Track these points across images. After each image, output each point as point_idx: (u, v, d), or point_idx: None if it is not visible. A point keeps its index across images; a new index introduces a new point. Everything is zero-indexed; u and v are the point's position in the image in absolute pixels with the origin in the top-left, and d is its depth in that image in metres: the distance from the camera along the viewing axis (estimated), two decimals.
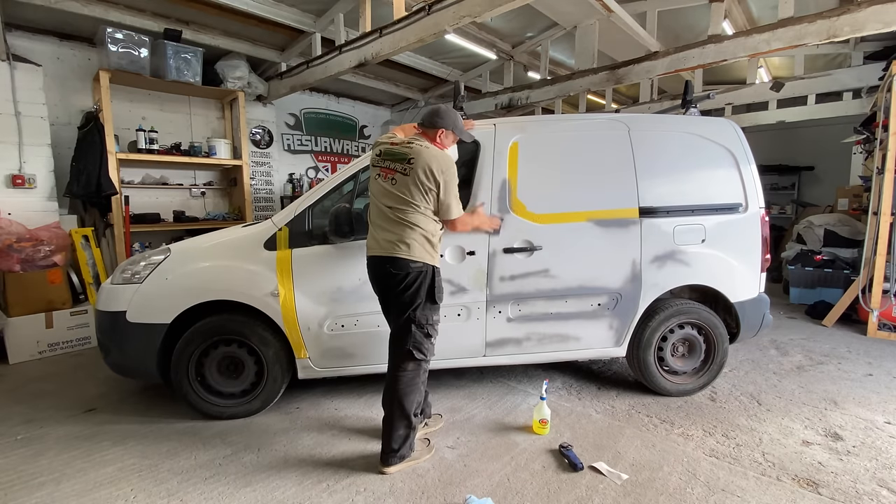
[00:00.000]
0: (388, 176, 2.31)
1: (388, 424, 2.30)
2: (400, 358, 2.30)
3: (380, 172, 2.35)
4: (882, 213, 4.34)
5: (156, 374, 2.78)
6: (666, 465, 2.36)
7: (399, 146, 2.33)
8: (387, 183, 2.30)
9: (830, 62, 6.69)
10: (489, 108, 6.84)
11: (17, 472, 2.33)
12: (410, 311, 2.26)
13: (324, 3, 5.13)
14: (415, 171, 2.23)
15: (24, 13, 4.44)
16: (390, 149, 2.34)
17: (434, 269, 2.31)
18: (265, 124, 6.78)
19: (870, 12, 3.52)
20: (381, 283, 2.36)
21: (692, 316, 3.09)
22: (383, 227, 2.32)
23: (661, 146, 3.13)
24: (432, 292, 2.29)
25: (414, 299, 2.26)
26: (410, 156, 2.26)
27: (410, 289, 2.25)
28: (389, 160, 2.32)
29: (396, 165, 2.28)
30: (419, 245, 2.25)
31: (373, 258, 2.37)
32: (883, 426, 2.75)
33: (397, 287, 2.26)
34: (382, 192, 2.32)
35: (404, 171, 2.25)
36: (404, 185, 2.25)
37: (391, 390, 2.29)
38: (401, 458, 2.31)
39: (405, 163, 2.26)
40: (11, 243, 3.95)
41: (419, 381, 2.32)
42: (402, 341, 2.28)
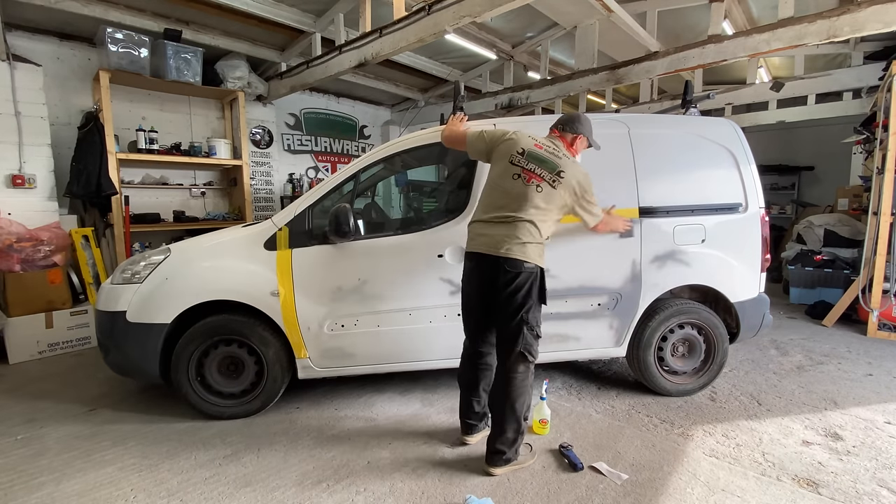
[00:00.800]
0: (531, 180, 2.23)
1: (498, 427, 2.27)
2: (512, 360, 2.24)
3: (520, 173, 2.25)
4: (882, 213, 4.34)
5: (156, 374, 2.78)
6: (666, 465, 2.36)
7: (545, 151, 2.28)
8: (529, 187, 2.22)
9: (830, 62, 6.69)
10: (489, 108, 6.84)
11: (17, 472, 2.33)
12: (523, 312, 2.20)
13: (324, 3, 5.13)
14: (564, 187, 2.24)
15: (24, 13, 4.44)
16: (536, 151, 2.27)
17: (542, 271, 2.26)
18: (265, 124, 6.78)
19: (870, 12, 3.52)
20: (491, 282, 2.26)
21: (692, 316, 3.09)
22: (500, 224, 2.24)
23: (661, 146, 3.13)
24: (542, 293, 2.27)
25: (526, 301, 2.20)
26: (560, 168, 2.23)
27: (522, 290, 2.19)
28: (535, 164, 2.25)
29: (545, 174, 2.23)
30: (533, 247, 2.22)
31: (483, 256, 2.26)
32: (883, 426, 2.75)
33: (508, 287, 2.19)
34: (516, 192, 2.23)
35: (552, 183, 2.22)
36: (550, 197, 2.22)
37: (503, 392, 2.25)
38: (507, 462, 2.28)
39: (555, 174, 2.23)
40: (11, 243, 3.95)
41: (529, 383, 2.30)
42: (514, 343, 2.23)
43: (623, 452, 2.47)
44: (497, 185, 2.33)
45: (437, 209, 4.04)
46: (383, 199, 6.25)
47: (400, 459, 2.41)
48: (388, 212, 5.37)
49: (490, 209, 2.31)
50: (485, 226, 2.30)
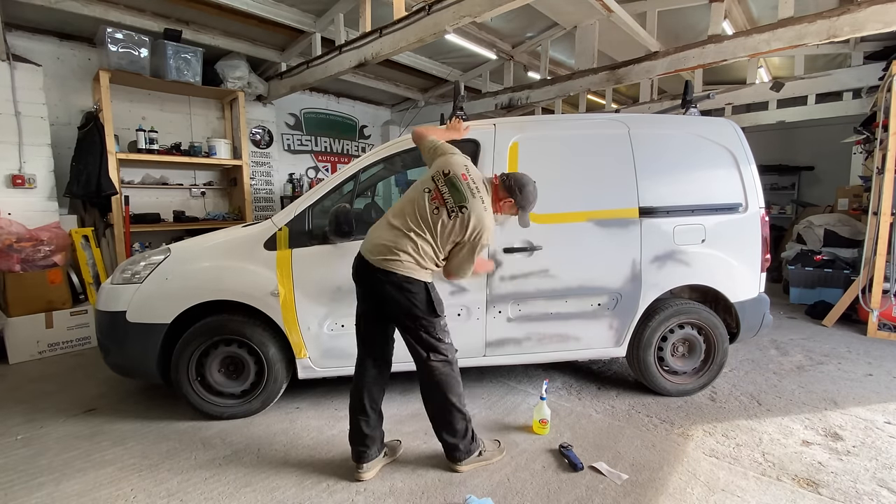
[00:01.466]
0: (434, 199, 2.19)
1: (440, 422, 2.26)
2: (424, 359, 2.24)
3: (430, 189, 2.22)
4: (882, 213, 4.34)
5: (156, 374, 2.78)
6: (666, 465, 2.36)
7: (466, 184, 2.21)
8: (430, 205, 2.18)
9: (830, 62, 6.69)
10: (489, 108, 6.84)
11: (17, 471, 2.34)
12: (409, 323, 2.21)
13: (324, 3, 5.13)
14: (460, 222, 2.15)
15: (24, 13, 4.44)
16: (457, 180, 2.22)
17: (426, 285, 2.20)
18: (265, 124, 6.78)
19: (870, 12, 3.52)
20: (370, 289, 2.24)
21: (692, 316, 3.09)
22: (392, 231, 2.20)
23: (661, 146, 3.13)
24: (431, 306, 2.20)
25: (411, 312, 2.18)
26: (466, 204, 2.17)
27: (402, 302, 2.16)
28: (448, 188, 2.20)
29: (450, 201, 2.18)
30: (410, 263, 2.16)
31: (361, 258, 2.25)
32: (883, 426, 2.75)
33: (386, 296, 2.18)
34: (417, 206, 2.20)
35: (451, 212, 2.16)
36: (441, 222, 2.16)
37: (429, 387, 2.25)
38: (468, 454, 2.28)
39: (458, 207, 2.17)
40: (11, 243, 3.95)
41: (454, 372, 2.26)
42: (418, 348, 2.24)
43: (623, 452, 2.47)
44: (411, 190, 2.32)
45: None
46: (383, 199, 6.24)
47: (400, 459, 2.41)
48: None
49: (394, 209, 2.29)
50: (383, 226, 2.26)
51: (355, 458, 2.27)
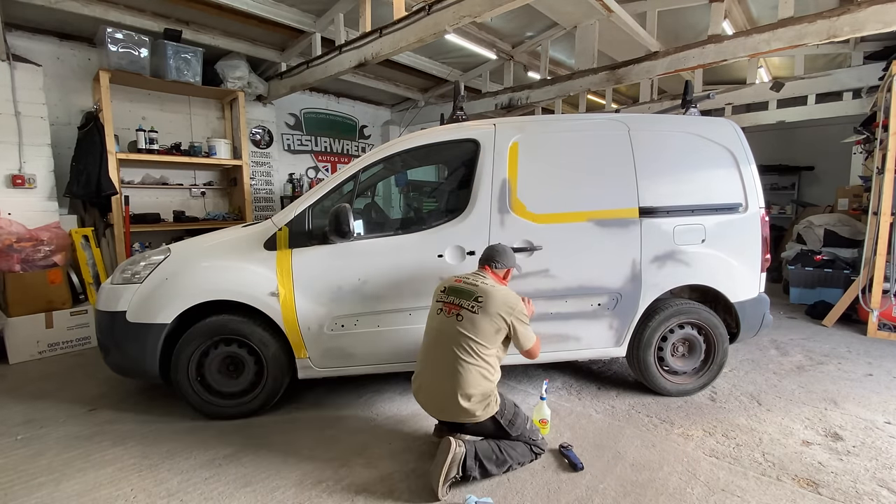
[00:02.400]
0: (451, 311, 2.28)
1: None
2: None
3: (442, 307, 2.34)
4: (882, 213, 4.34)
5: (156, 374, 2.78)
6: (666, 465, 2.36)
7: (464, 283, 2.36)
8: (451, 318, 2.27)
9: (830, 62, 6.70)
10: (489, 108, 6.84)
11: (17, 472, 2.33)
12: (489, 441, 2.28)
13: (324, 3, 5.13)
14: (486, 310, 2.23)
15: (24, 13, 4.44)
16: (454, 285, 2.36)
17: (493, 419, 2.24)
18: (265, 124, 6.78)
19: (870, 12, 3.52)
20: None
21: (692, 316, 3.09)
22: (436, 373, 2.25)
23: (661, 146, 3.13)
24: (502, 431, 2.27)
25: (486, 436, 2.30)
26: (478, 294, 2.27)
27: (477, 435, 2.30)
28: (454, 296, 2.32)
29: (463, 302, 2.28)
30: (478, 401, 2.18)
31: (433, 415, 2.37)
32: (883, 426, 2.75)
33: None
34: (444, 330, 2.27)
35: (472, 309, 2.24)
36: (471, 321, 2.22)
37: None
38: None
39: (472, 300, 2.26)
40: (11, 243, 3.95)
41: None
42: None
43: (623, 452, 2.47)
44: (428, 328, 2.42)
45: (437, 209, 4.04)
46: (383, 199, 6.25)
47: (400, 459, 2.41)
48: (388, 212, 5.37)
49: (425, 352, 2.37)
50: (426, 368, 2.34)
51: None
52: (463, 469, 2.13)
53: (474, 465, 2.15)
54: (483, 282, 2.34)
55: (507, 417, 2.26)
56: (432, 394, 2.28)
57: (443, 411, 2.27)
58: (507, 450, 2.24)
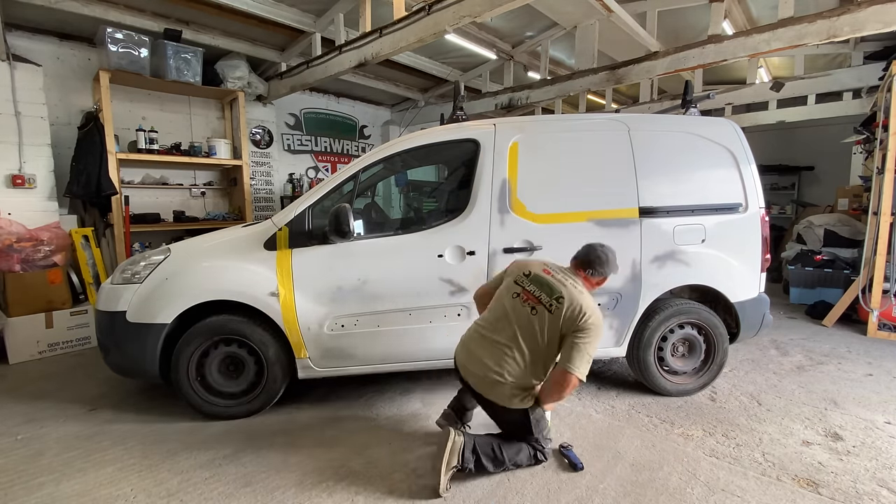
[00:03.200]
0: (527, 300, 2.22)
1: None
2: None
3: (518, 292, 2.27)
4: (882, 213, 4.34)
5: (156, 374, 2.78)
6: (666, 465, 2.36)
7: (551, 276, 2.25)
8: (525, 307, 2.22)
9: (830, 62, 6.69)
10: (489, 108, 6.84)
11: (17, 472, 2.33)
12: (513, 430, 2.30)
13: (324, 3, 5.13)
14: (560, 312, 2.14)
15: (24, 13, 4.44)
16: (540, 275, 2.27)
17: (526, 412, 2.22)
18: (265, 124, 6.78)
19: (870, 12, 3.52)
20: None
21: (692, 316, 3.09)
22: (488, 347, 2.25)
23: (661, 146, 3.13)
24: (528, 429, 2.26)
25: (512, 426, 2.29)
26: (560, 294, 2.17)
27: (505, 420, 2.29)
28: (536, 286, 2.24)
29: (543, 297, 2.19)
30: (515, 392, 2.19)
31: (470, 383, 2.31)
32: (883, 426, 2.75)
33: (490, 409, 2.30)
34: (517, 314, 2.23)
35: (549, 307, 2.16)
36: (544, 322, 2.16)
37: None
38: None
39: (553, 298, 2.17)
40: (11, 243, 3.95)
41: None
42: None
43: (623, 452, 2.47)
44: (499, 302, 2.35)
45: (437, 209, 4.04)
46: (383, 199, 6.25)
47: (400, 459, 2.41)
48: (388, 212, 5.37)
49: (487, 322, 2.35)
50: (479, 340, 2.32)
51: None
52: (461, 460, 2.14)
53: (471, 458, 2.17)
54: (572, 283, 2.23)
55: (537, 417, 2.26)
56: (480, 361, 2.24)
57: (491, 389, 2.21)
58: (507, 451, 2.24)
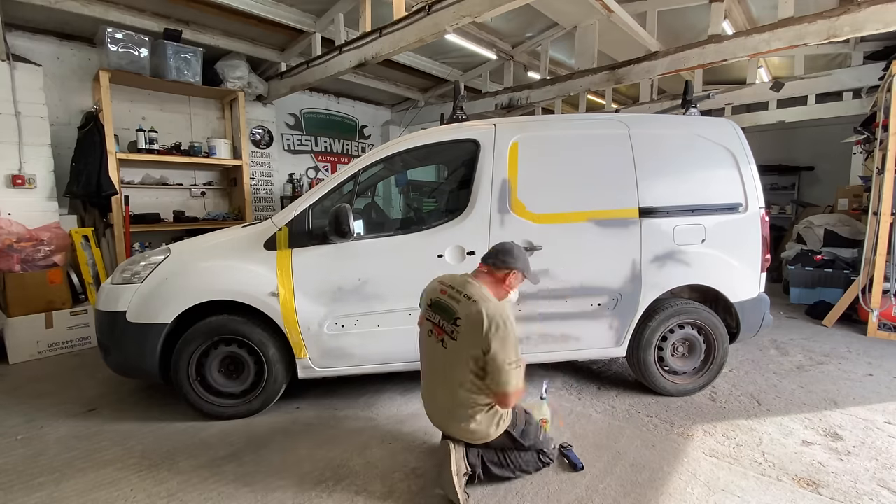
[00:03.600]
0: (438, 335, 2.04)
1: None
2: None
3: (431, 329, 2.11)
4: (882, 213, 4.34)
5: (156, 374, 2.78)
6: (666, 465, 2.36)
7: (447, 295, 2.04)
8: (438, 343, 2.04)
9: (830, 62, 6.69)
10: (489, 108, 6.84)
11: (17, 472, 2.33)
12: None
13: (324, 3, 5.13)
14: (463, 332, 1.94)
15: (24, 13, 4.44)
16: (438, 298, 2.06)
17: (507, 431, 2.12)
18: (265, 124, 6.78)
19: (870, 12, 3.52)
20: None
21: (692, 316, 3.09)
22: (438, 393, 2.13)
23: (661, 146, 3.13)
24: (514, 441, 2.16)
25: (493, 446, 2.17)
26: (458, 314, 1.96)
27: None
28: (439, 313, 2.06)
29: (445, 324, 2.01)
30: (490, 423, 2.05)
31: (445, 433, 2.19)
32: (883, 426, 2.75)
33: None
34: (436, 356, 2.09)
35: (452, 335, 1.97)
36: (454, 350, 1.97)
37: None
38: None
39: (452, 322, 1.97)
40: (11, 243, 3.95)
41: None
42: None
43: (623, 452, 2.47)
44: (421, 346, 2.23)
45: (437, 209, 4.05)
46: (383, 199, 6.25)
47: (400, 459, 2.41)
48: (388, 212, 5.38)
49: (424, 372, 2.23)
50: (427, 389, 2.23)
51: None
52: (468, 466, 2.10)
53: (477, 463, 2.13)
54: (469, 292, 2.01)
55: (520, 427, 2.17)
56: (438, 415, 2.19)
57: (450, 427, 2.12)
58: (510, 456, 2.19)
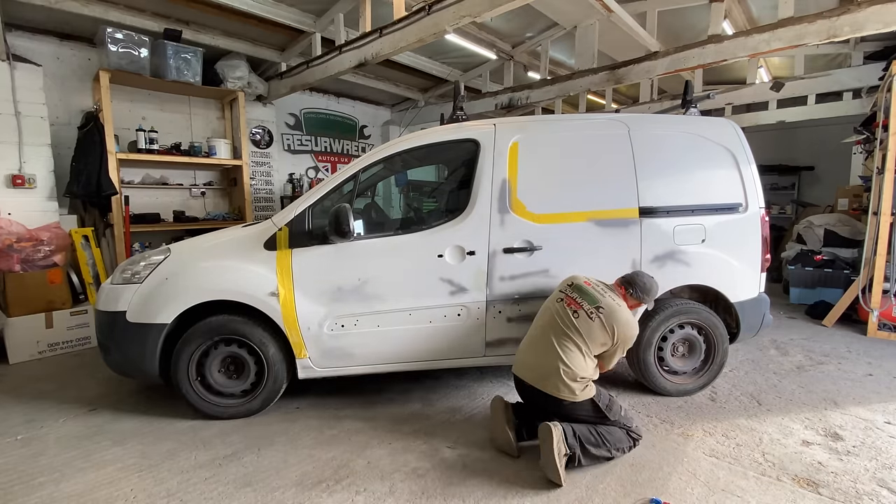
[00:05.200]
0: (569, 304, 2.43)
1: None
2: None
3: (563, 298, 2.48)
4: (882, 213, 4.34)
5: (156, 374, 2.78)
6: (666, 465, 2.36)
7: (591, 287, 2.47)
8: (568, 309, 2.41)
9: (830, 62, 6.70)
10: (489, 108, 6.84)
11: (17, 472, 2.33)
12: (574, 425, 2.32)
13: (324, 3, 5.13)
14: (599, 322, 2.34)
15: (24, 13, 4.44)
16: (582, 286, 2.48)
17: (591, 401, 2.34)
18: (265, 124, 6.78)
19: (870, 12, 3.52)
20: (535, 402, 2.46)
21: (692, 316, 3.09)
22: (541, 350, 2.40)
23: (661, 146, 3.13)
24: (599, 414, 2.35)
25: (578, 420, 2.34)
26: (601, 304, 2.38)
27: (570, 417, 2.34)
28: (578, 293, 2.46)
29: (584, 304, 2.40)
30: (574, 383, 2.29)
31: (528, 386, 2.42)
32: (883, 426, 2.75)
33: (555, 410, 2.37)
34: (562, 317, 2.40)
35: (590, 314, 2.37)
36: (586, 324, 2.35)
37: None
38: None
39: (594, 307, 2.38)
40: (11, 243, 3.95)
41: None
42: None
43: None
44: (545, 311, 2.55)
45: (437, 209, 4.04)
46: (383, 199, 6.25)
47: (400, 459, 2.41)
48: (388, 212, 5.38)
49: (537, 327, 2.53)
50: (528, 347, 2.50)
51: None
52: (568, 447, 2.21)
53: (575, 444, 2.23)
54: (611, 296, 2.44)
55: (604, 402, 2.36)
56: (538, 366, 2.37)
57: (546, 380, 2.32)
58: (605, 434, 2.31)
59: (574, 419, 2.32)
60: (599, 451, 2.28)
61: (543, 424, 2.24)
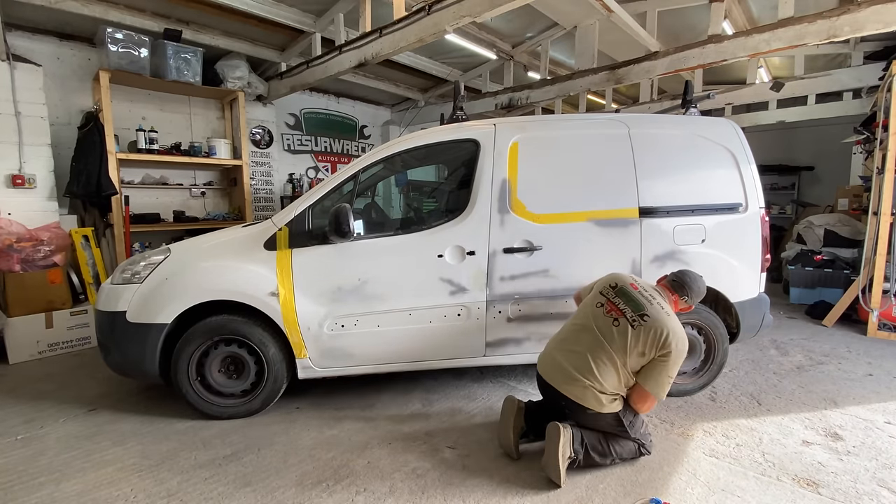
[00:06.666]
0: (610, 311, 2.27)
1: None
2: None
3: (603, 303, 2.31)
4: (882, 213, 4.34)
5: (156, 374, 2.78)
6: (666, 465, 2.36)
7: (638, 292, 2.29)
8: (608, 318, 2.25)
9: (830, 62, 6.70)
10: (489, 108, 6.84)
11: (17, 472, 2.33)
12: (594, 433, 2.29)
13: (324, 3, 5.13)
14: (644, 332, 2.17)
15: (24, 13, 4.44)
16: (627, 289, 2.31)
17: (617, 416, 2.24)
18: (265, 124, 6.78)
19: (870, 12, 3.52)
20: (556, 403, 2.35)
21: (692, 316, 3.08)
22: (572, 355, 2.27)
23: (661, 146, 3.13)
24: (621, 428, 2.26)
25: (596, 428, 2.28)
26: (647, 312, 2.21)
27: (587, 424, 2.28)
28: (622, 298, 2.29)
29: (627, 310, 2.23)
30: (599, 395, 2.19)
31: (551, 387, 2.31)
32: (883, 426, 2.75)
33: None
34: (599, 324, 2.26)
35: (632, 322, 2.19)
36: (625, 333, 2.19)
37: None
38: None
39: (637, 314, 2.21)
40: (11, 243, 3.95)
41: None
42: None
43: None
44: (582, 313, 2.41)
45: (437, 209, 4.05)
46: (383, 199, 6.25)
47: (400, 459, 2.41)
48: (388, 212, 5.38)
49: (570, 331, 2.39)
50: (558, 348, 2.38)
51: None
52: (573, 451, 2.19)
53: (580, 450, 2.21)
54: (659, 304, 2.26)
55: (629, 418, 2.28)
56: (566, 370, 2.25)
57: (572, 386, 2.21)
58: (613, 445, 2.26)
59: (592, 428, 2.27)
60: (603, 460, 2.25)
61: (552, 424, 2.19)
